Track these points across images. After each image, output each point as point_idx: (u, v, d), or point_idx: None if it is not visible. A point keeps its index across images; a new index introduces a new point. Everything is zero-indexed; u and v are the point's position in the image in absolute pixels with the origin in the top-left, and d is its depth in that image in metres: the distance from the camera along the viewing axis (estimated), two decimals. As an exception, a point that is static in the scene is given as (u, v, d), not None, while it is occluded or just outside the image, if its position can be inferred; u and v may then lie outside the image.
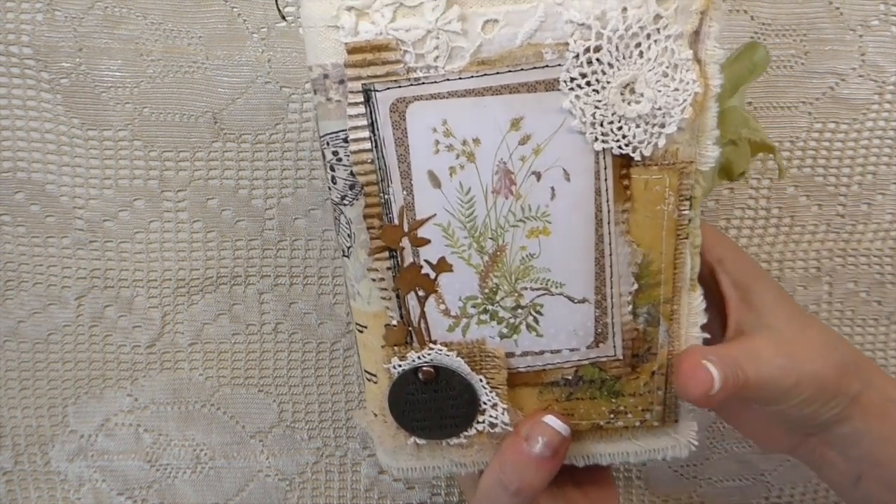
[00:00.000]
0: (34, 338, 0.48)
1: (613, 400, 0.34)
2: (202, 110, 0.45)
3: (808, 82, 0.46)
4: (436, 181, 0.30)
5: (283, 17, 0.34)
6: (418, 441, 0.34)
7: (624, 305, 0.32)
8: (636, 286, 0.32)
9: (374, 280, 0.32)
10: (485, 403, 0.33)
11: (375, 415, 0.34)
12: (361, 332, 0.34)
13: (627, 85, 0.29)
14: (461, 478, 0.38)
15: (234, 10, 0.44)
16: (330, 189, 0.32)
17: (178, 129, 0.46)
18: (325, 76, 0.29)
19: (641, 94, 0.29)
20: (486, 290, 0.32)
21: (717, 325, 0.35)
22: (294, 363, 0.50)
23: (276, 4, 0.30)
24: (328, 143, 0.31)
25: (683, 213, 0.31)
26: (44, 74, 0.45)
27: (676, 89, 0.29)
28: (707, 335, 0.33)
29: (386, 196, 0.31)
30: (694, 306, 0.33)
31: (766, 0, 0.45)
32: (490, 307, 0.32)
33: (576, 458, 0.35)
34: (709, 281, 0.36)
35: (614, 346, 0.33)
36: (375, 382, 0.34)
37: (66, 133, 0.45)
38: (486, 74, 0.29)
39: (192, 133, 0.46)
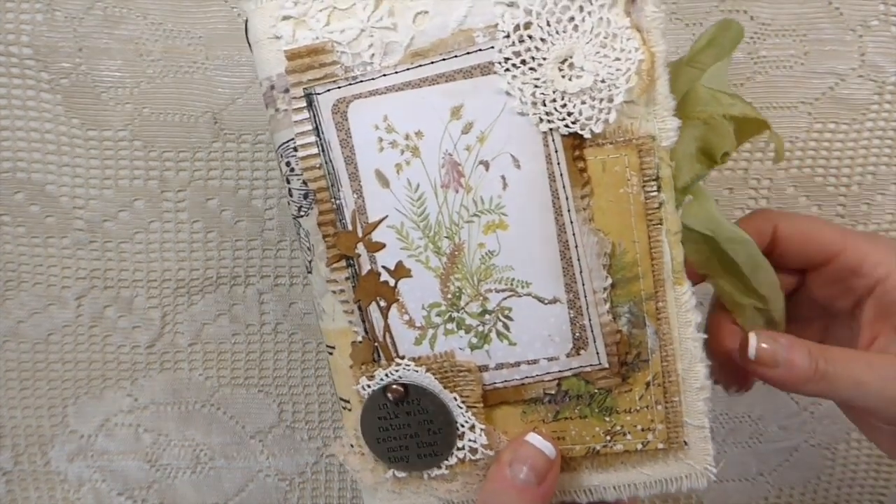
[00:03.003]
0: (34, 338, 0.48)
1: (607, 418, 0.31)
2: (202, 110, 0.45)
3: (808, 82, 0.46)
4: (384, 180, 0.30)
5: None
6: (397, 474, 0.32)
7: (600, 304, 0.30)
8: (610, 281, 0.30)
9: (334, 293, 0.31)
10: (462, 426, 0.31)
11: (352, 446, 0.33)
12: (331, 353, 0.32)
13: (565, 60, 0.28)
14: None
15: (234, 10, 0.44)
16: (289, 204, 0.31)
17: (178, 129, 0.46)
18: (272, 87, 0.30)
19: (581, 68, 0.28)
20: (449, 296, 0.30)
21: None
22: (294, 363, 0.50)
23: (247, 38, 0.30)
24: (282, 156, 0.30)
25: (651, 194, 0.29)
26: (44, 74, 0.45)
27: (618, 59, 0.28)
28: (704, 335, 0.31)
29: (337, 201, 0.30)
30: (682, 302, 0.30)
31: (765, 0, 0.45)
32: (455, 314, 0.30)
33: (576, 493, 0.32)
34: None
35: (597, 353, 0.30)
36: (349, 409, 0.32)
37: (66, 133, 0.45)
38: (420, 66, 0.29)
39: (192, 133, 0.46)
